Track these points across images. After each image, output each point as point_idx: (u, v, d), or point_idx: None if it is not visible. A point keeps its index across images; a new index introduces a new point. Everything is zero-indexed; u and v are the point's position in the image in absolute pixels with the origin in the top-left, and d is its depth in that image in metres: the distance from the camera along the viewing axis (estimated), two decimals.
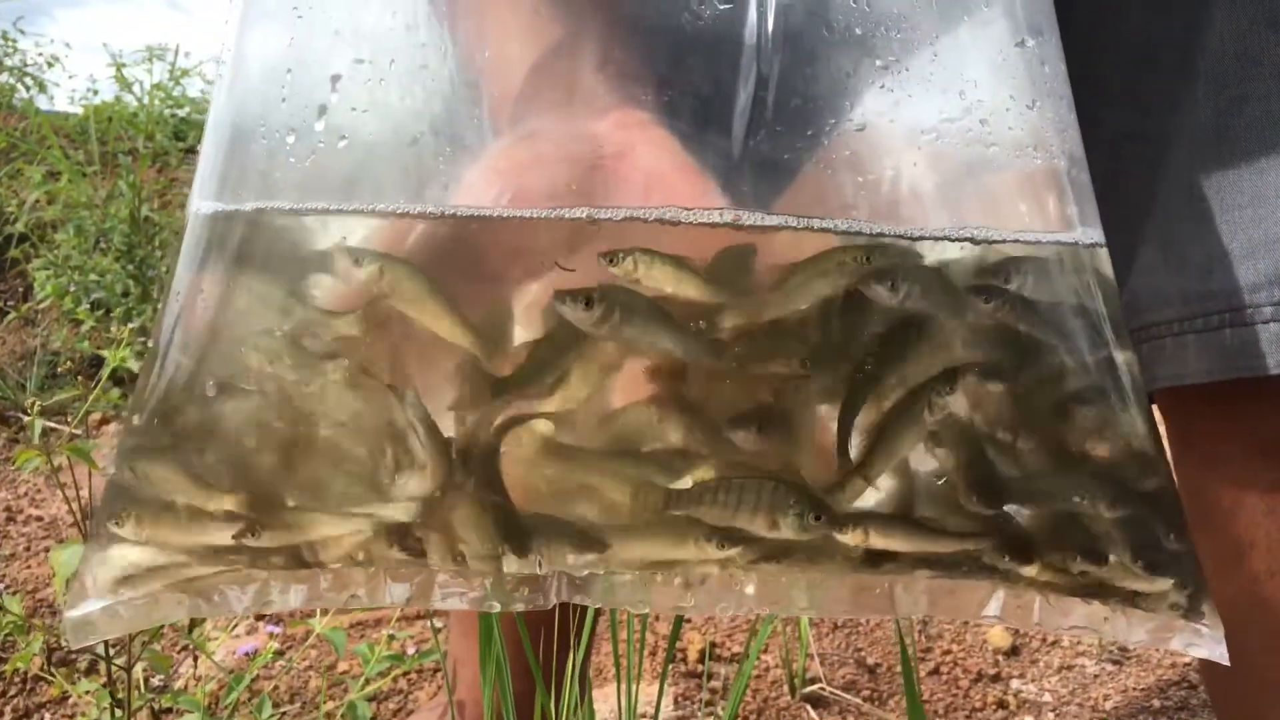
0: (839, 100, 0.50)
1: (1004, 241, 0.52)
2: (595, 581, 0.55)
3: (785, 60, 0.50)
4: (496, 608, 0.55)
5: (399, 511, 0.52)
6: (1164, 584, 0.52)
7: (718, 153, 0.50)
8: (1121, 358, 0.53)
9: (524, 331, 0.52)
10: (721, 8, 0.50)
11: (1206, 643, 0.52)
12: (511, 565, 0.53)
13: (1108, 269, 0.53)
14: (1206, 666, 0.75)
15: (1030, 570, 0.53)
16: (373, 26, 0.52)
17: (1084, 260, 0.53)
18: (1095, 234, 0.53)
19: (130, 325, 1.98)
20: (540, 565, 0.53)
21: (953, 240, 0.51)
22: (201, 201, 0.52)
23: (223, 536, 0.51)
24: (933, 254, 0.52)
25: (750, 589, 0.55)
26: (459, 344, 0.51)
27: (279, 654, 1.34)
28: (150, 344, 0.52)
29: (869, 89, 0.50)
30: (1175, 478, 0.72)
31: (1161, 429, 0.67)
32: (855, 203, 0.51)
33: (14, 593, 1.49)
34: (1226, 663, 0.51)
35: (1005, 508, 0.53)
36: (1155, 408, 0.74)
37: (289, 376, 0.52)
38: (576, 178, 0.49)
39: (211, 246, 0.52)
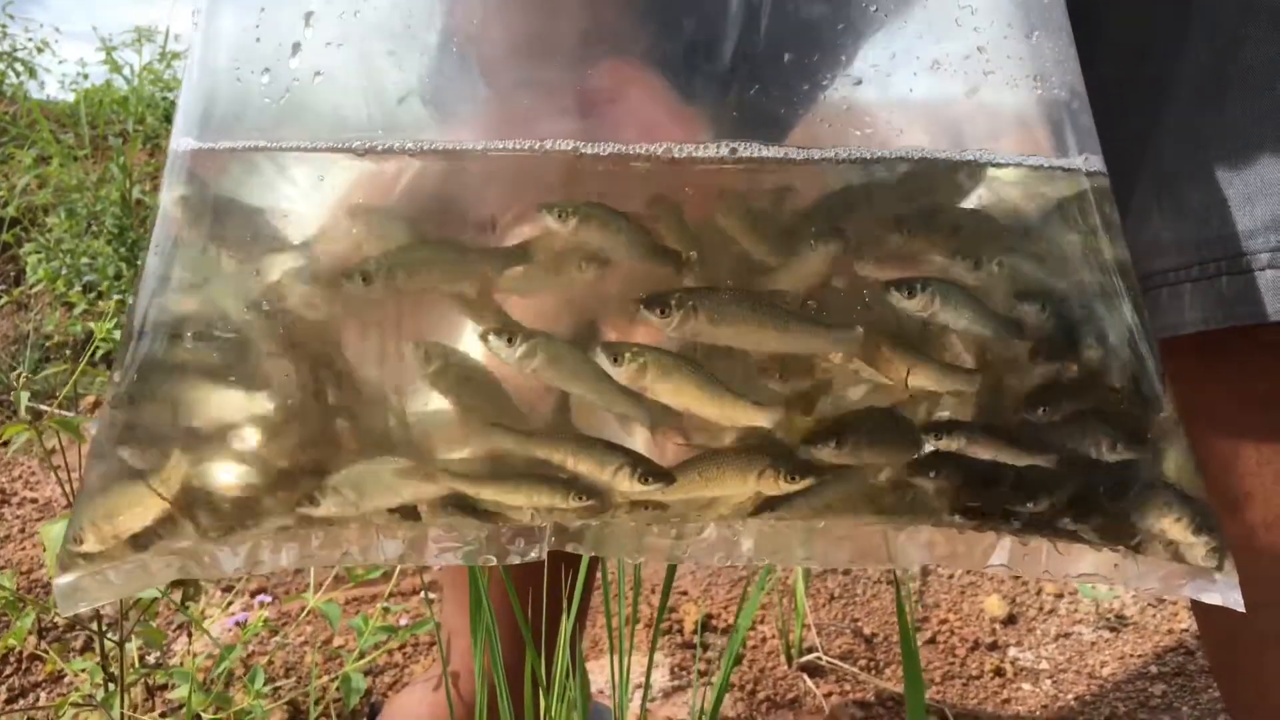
0: (830, 34, 0.49)
1: (1005, 165, 0.51)
2: (588, 531, 0.54)
3: None
4: (493, 561, 0.54)
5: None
6: (1177, 529, 0.52)
7: (709, 98, 0.50)
8: (1123, 282, 0.51)
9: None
10: None
11: (1220, 589, 0.52)
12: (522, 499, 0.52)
13: (1108, 195, 0.52)
14: (1204, 619, 0.75)
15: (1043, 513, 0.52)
16: None
17: (1085, 186, 0.52)
18: (1097, 162, 0.52)
19: (117, 298, 1.97)
20: (535, 516, 0.52)
21: (953, 162, 0.51)
22: (181, 139, 0.52)
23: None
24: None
25: (748, 540, 0.55)
26: None
27: (274, 630, 1.33)
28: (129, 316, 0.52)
29: (862, 18, 0.49)
30: None
31: None
32: (852, 134, 0.50)
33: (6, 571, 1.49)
34: (1241, 609, 0.51)
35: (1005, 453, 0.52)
36: None
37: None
38: (571, 126, 0.49)
39: (192, 183, 0.51)
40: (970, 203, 0.52)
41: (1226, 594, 0.52)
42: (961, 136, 0.51)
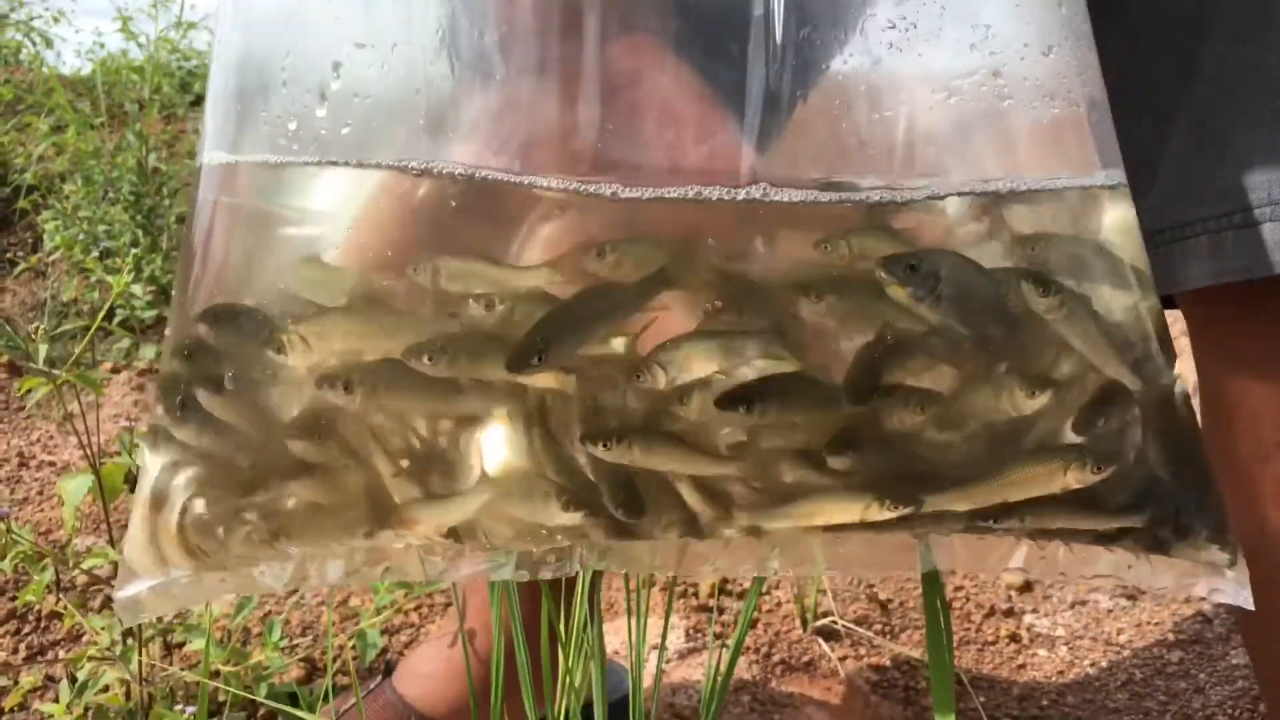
0: (849, 39, 0.49)
1: (1024, 191, 0.50)
2: (618, 548, 0.54)
3: None
4: (525, 576, 0.55)
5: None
6: (1191, 531, 0.52)
7: (729, 85, 0.49)
8: (1145, 305, 0.51)
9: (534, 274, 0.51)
10: None
11: (1230, 587, 0.52)
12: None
13: (1130, 211, 0.52)
14: None
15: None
16: None
17: (1105, 203, 0.51)
18: (1118, 174, 0.52)
19: (134, 252, 1.98)
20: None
21: (975, 195, 0.50)
22: (211, 153, 0.53)
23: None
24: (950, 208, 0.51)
25: (775, 550, 0.55)
26: None
27: (291, 590, 1.34)
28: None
29: (878, 35, 0.48)
30: (1198, 379, 0.70)
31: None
32: (861, 153, 0.49)
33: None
34: (1250, 607, 0.51)
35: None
36: (1178, 309, 0.72)
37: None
38: (589, 113, 0.48)
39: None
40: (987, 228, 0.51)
41: (1236, 592, 0.52)
42: (978, 164, 0.50)
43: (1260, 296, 0.63)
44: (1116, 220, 0.51)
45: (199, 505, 0.53)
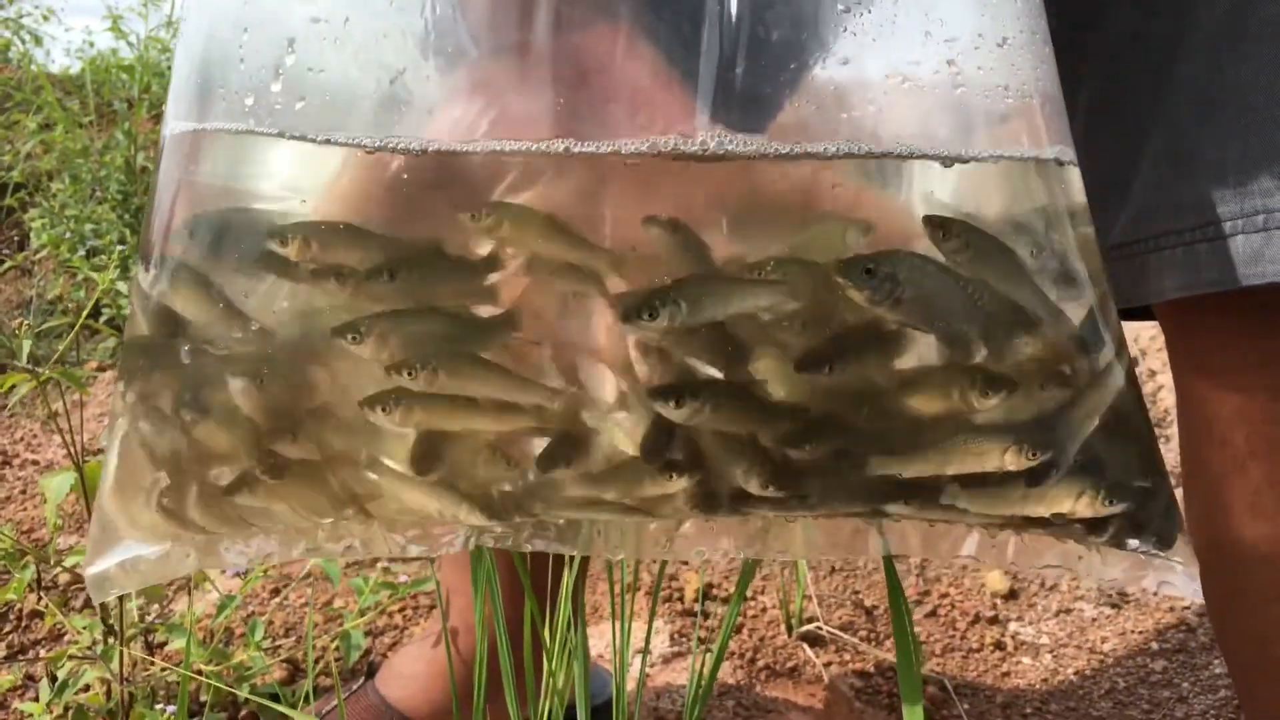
0: (804, 24, 0.49)
1: (977, 159, 0.51)
2: (570, 530, 0.54)
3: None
4: (473, 544, 0.56)
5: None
6: (1140, 522, 0.52)
7: (695, 68, 0.49)
8: (1093, 292, 0.51)
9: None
10: None
11: (1180, 580, 0.52)
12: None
13: (1078, 184, 0.52)
14: (1207, 578, 0.74)
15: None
16: None
17: (1055, 176, 0.51)
18: (1068, 151, 0.52)
19: (120, 250, 1.97)
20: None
21: (928, 158, 0.50)
22: (175, 122, 0.52)
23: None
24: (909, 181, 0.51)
25: (727, 535, 0.55)
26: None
27: (275, 592, 1.33)
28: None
29: (833, 29, 0.48)
30: (1175, 389, 0.71)
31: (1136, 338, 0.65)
32: (813, 134, 0.49)
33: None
34: (1199, 600, 0.51)
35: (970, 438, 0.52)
36: (1156, 319, 0.73)
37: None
38: (560, 96, 0.48)
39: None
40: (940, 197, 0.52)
41: (1185, 585, 0.52)
42: (932, 138, 0.50)
43: (1233, 308, 0.63)
44: (1066, 193, 0.51)
45: (163, 476, 0.53)
